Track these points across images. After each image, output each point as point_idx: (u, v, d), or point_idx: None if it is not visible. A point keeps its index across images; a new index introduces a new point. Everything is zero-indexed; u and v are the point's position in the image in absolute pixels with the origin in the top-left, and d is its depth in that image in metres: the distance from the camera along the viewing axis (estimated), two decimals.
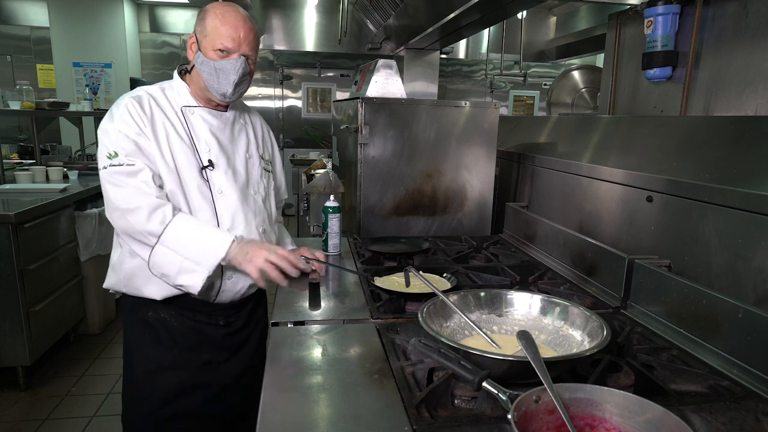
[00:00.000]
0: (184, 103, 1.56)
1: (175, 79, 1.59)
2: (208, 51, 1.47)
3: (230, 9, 1.49)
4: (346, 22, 4.55)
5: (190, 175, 1.50)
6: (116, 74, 6.44)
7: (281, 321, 1.41)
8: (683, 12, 2.31)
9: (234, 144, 1.62)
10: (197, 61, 1.50)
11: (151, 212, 1.39)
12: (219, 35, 1.46)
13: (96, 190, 3.79)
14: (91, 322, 3.74)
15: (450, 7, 2.68)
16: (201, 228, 1.45)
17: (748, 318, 1.12)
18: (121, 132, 1.43)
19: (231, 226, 1.54)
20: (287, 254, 1.43)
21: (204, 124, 1.56)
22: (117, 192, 1.41)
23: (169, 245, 1.41)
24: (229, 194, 1.55)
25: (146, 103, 1.49)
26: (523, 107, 7.47)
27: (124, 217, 1.41)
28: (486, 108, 2.43)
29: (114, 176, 1.41)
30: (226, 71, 1.48)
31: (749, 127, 1.46)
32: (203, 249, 1.41)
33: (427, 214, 2.46)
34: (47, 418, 2.77)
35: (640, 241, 1.68)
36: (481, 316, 1.34)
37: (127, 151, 1.42)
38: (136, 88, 1.57)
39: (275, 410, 1.01)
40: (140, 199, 1.39)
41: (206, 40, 1.48)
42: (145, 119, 1.47)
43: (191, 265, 1.41)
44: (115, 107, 1.49)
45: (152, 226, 1.39)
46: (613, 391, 0.88)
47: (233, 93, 1.51)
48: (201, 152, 1.53)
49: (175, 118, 1.53)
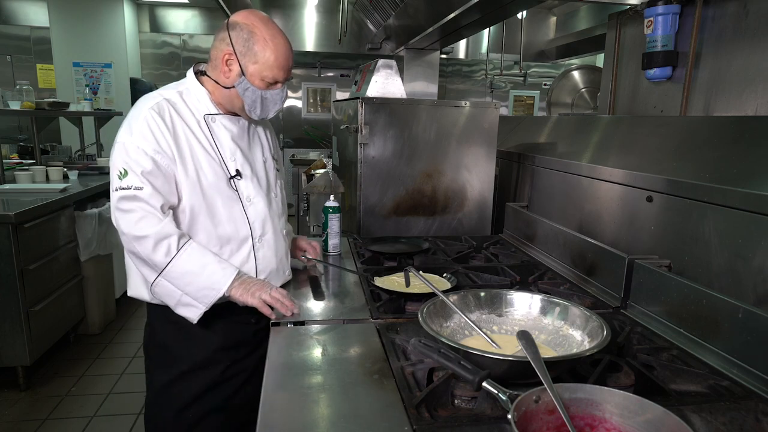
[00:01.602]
0: (205, 110, 1.51)
1: (193, 82, 1.53)
2: (256, 80, 1.44)
3: (278, 34, 1.44)
4: (346, 22, 4.55)
5: (217, 188, 1.48)
6: (116, 74, 6.44)
7: (281, 321, 1.41)
8: (683, 12, 2.31)
9: (252, 150, 1.61)
10: (240, 86, 1.45)
11: (157, 242, 1.38)
12: (271, 67, 1.43)
13: (96, 190, 3.80)
14: (91, 322, 3.74)
15: (450, 7, 2.68)
16: (204, 263, 1.43)
17: (748, 318, 1.12)
18: (139, 148, 1.38)
19: (262, 233, 1.57)
20: (281, 296, 1.45)
21: (226, 132, 1.53)
22: (124, 217, 1.39)
23: (171, 280, 1.41)
24: (257, 201, 1.56)
25: (167, 114, 1.44)
26: (523, 107, 7.47)
27: (131, 243, 1.41)
28: (486, 108, 2.43)
29: (122, 201, 1.39)
30: (273, 100, 1.48)
31: (749, 127, 1.46)
32: (204, 287, 1.42)
33: (427, 214, 2.46)
34: (47, 418, 2.77)
35: (640, 241, 1.68)
36: (481, 316, 1.34)
37: (143, 169, 1.38)
38: (151, 93, 1.51)
39: (275, 410, 1.01)
40: (147, 227, 1.37)
41: (254, 68, 1.43)
42: (167, 134, 1.41)
43: (190, 300, 1.43)
44: (134, 119, 1.42)
45: (157, 258, 1.39)
46: (613, 391, 0.88)
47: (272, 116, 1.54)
48: (227, 162, 1.51)
49: (197, 127, 1.49)
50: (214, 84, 1.51)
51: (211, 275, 1.42)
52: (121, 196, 1.38)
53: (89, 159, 5.04)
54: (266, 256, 1.59)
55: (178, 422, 1.56)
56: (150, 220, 1.38)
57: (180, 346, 1.56)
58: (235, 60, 1.43)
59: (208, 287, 1.42)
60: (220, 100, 1.52)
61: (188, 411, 1.56)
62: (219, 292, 1.42)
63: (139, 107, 1.46)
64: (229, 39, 1.43)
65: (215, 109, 1.53)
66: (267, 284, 1.48)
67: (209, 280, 1.41)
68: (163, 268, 1.40)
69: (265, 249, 1.59)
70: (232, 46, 1.43)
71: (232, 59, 1.44)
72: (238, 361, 1.61)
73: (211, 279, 1.42)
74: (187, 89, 1.52)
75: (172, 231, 1.40)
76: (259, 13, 1.47)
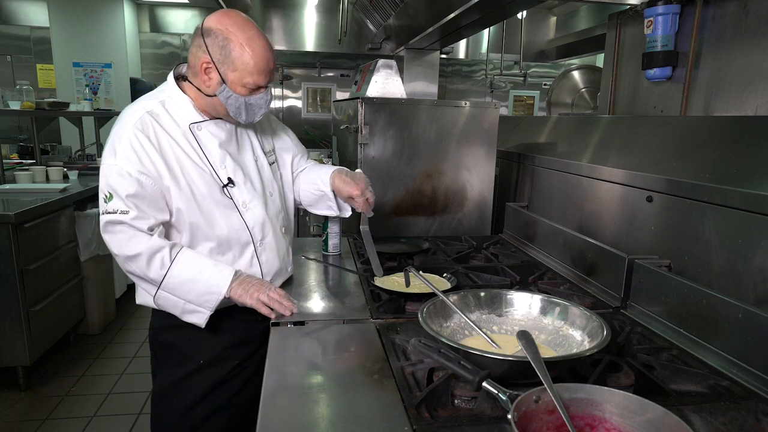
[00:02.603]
0: (190, 119, 1.47)
1: (174, 90, 1.48)
2: (237, 86, 1.39)
3: (255, 37, 1.37)
4: (346, 22, 4.55)
5: (211, 199, 1.47)
6: (116, 74, 6.43)
7: (281, 321, 1.41)
8: (683, 12, 2.30)
9: (242, 153, 1.58)
10: (222, 95, 1.41)
11: (150, 258, 1.37)
12: (251, 73, 1.38)
13: (96, 190, 3.78)
14: (91, 322, 3.74)
15: (450, 7, 2.68)
16: (200, 269, 1.42)
17: (748, 318, 1.12)
18: (123, 170, 1.36)
19: (262, 237, 1.56)
20: (278, 296, 1.44)
21: (213, 139, 1.50)
22: (114, 239, 1.39)
23: (171, 291, 1.41)
24: (253, 206, 1.54)
25: (151, 131, 1.40)
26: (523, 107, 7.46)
27: (125, 263, 1.40)
28: (486, 108, 2.43)
29: (109, 225, 1.38)
30: (257, 105, 1.46)
31: (749, 127, 1.46)
32: (204, 292, 1.41)
33: (427, 214, 2.46)
34: (47, 418, 2.77)
35: (640, 241, 1.68)
36: (481, 316, 1.34)
37: (127, 192, 1.36)
38: (134, 104, 1.47)
39: (275, 410, 1.01)
40: (137, 246, 1.36)
41: (234, 75, 1.38)
42: (152, 151, 1.38)
43: (194, 307, 1.43)
44: (118, 140, 1.39)
45: (152, 274, 1.39)
46: (613, 391, 0.88)
47: (258, 119, 1.52)
48: (218, 171, 1.49)
49: (183, 138, 1.45)
50: (196, 91, 1.46)
51: (209, 279, 1.42)
52: (107, 221, 1.38)
53: (89, 159, 5.04)
54: (269, 259, 1.59)
55: (185, 421, 1.56)
56: (139, 239, 1.37)
57: (187, 345, 1.55)
58: (214, 68, 1.39)
59: (208, 291, 1.41)
60: (204, 107, 1.48)
61: (195, 410, 1.55)
62: (220, 295, 1.42)
63: (122, 124, 1.42)
64: (205, 46, 1.38)
65: (200, 116, 1.49)
66: (265, 284, 1.48)
67: (208, 284, 1.41)
68: (161, 281, 1.40)
69: (268, 252, 1.59)
70: (209, 54, 1.37)
71: (210, 67, 1.39)
72: (244, 359, 1.61)
73: (209, 283, 1.41)
74: (169, 97, 1.48)
75: (162, 244, 1.39)
76: (233, 13, 1.40)
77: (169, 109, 1.46)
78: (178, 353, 1.57)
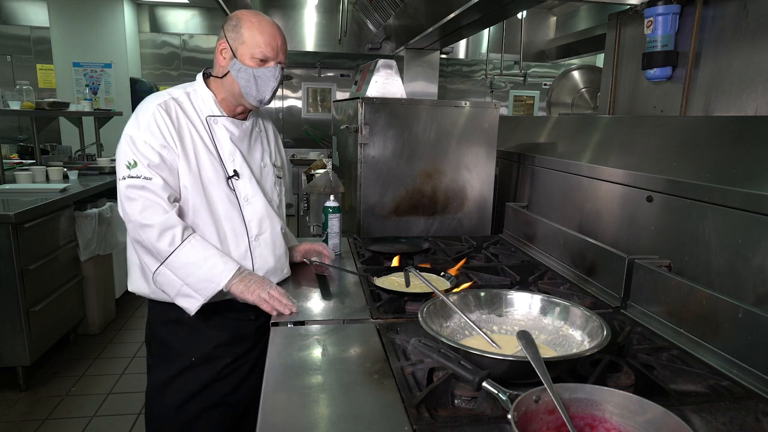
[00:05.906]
0: (209, 112, 1.57)
1: (200, 84, 1.59)
2: (246, 59, 1.49)
3: (264, 18, 1.51)
4: (346, 22, 4.55)
5: (217, 185, 1.54)
6: (116, 74, 6.44)
7: (281, 321, 1.41)
8: (683, 12, 2.31)
9: (252, 153, 1.66)
10: (233, 68, 1.51)
11: (162, 231, 1.42)
12: (258, 44, 1.48)
13: (96, 191, 3.80)
14: (91, 322, 3.74)
15: (450, 7, 2.68)
16: (207, 256, 1.46)
17: (748, 318, 1.12)
18: (147, 142, 1.44)
19: (259, 232, 1.60)
20: (278, 295, 1.46)
21: (226, 134, 1.58)
22: (132, 205, 1.43)
23: (173, 270, 1.44)
24: (254, 201, 1.60)
25: (173, 112, 1.51)
26: (523, 107, 7.47)
27: (137, 231, 1.44)
28: (486, 108, 2.43)
29: (130, 190, 1.43)
30: (266, 78, 1.51)
31: (749, 127, 1.46)
32: (204, 279, 1.44)
33: (427, 214, 2.46)
34: (47, 418, 2.77)
35: (640, 241, 1.68)
36: (481, 316, 1.34)
37: (150, 162, 1.44)
38: (161, 92, 1.57)
39: (275, 410, 1.01)
40: (154, 216, 1.42)
41: (243, 48, 1.49)
42: (172, 130, 1.48)
43: (190, 291, 1.45)
44: (142, 114, 1.48)
45: (161, 246, 1.42)
46: (613, 391, 0.88)
47: (270, 99, 1.55)
48: (226, 162, 1.57)
49: (201, 127, 1.55)
50: (216, 82, 1.57)
51: (213, 268, 1.45)
52: (129, 185, 1.43)
53: (89, 159, 5.04)
54: (263, 255, 1.62)
55: (178, 417, 1.58)
56: (156, 210, 1.42)
57: (181, 342, 1.58)
58: (228, 47, 1.51)
59: (209, 279, 1.44)
60: (223, 95, 1.57)
61: (188, 406, 1.58)
62: (219, 285, 1.44)
63: (147, 103, 1.51)
64: (222, 32, 1.53)
65: (219, 111, 1.58)
66: (266, 282, 1.50)
67: (210, 273, 1.44)
68: (167, 257, 1.43)
69: (262, 248, 1.62)
70: (225, 37, 1.52)
71: (225, 47, 1.52)
72: (237, 357, 1.63)
73: (212, 272, 1.44)
74: (194, 90, 1.59)
75: (176, 222, 1.44)
76: (252, 10, 1.56)
77: (193, 99, 1.57)
78: (171, 350, 1.59)
